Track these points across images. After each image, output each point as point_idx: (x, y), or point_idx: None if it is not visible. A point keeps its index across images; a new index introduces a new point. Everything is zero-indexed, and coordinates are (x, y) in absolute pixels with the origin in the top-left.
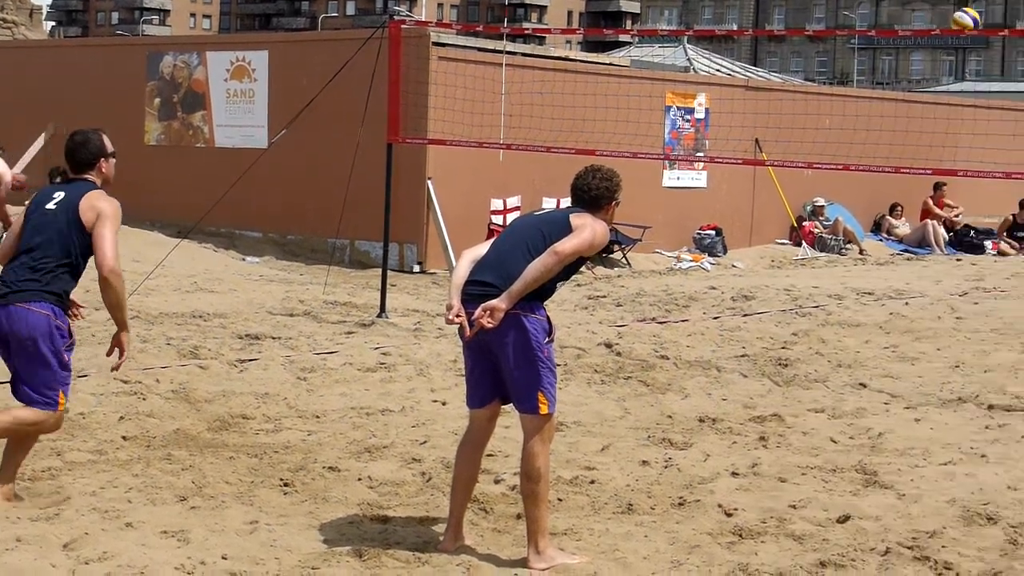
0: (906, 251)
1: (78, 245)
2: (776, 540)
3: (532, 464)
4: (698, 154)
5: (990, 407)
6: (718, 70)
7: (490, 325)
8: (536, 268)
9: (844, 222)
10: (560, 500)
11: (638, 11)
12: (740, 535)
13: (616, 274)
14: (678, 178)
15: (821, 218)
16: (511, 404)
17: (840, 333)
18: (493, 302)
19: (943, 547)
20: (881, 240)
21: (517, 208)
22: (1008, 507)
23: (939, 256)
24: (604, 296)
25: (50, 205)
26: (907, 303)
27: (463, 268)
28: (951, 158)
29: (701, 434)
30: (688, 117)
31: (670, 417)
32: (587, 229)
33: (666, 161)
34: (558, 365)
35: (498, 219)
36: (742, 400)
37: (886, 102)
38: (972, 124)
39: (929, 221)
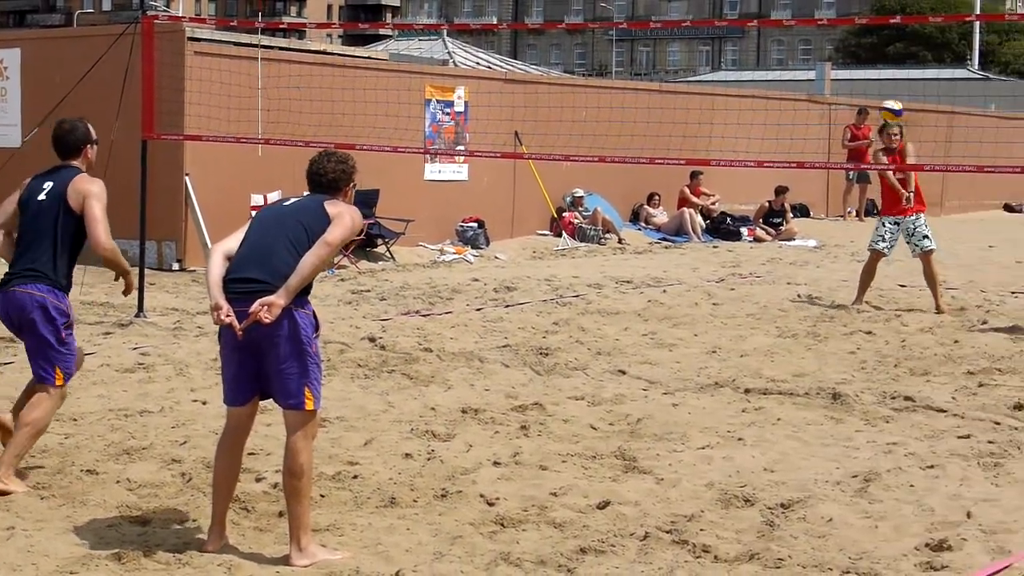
0: (664, 239)
1: (71, 230)
2: (537, 528)
3: (296, 460)
4: (458, 147)
5: (747, 391)
6: (478, 63)
7: (268, 320)
8: (311, 262)
9: (603, 212)
10: (323, 496)
11: (398, 4)
12: (502, 524)
13: (380, 268)
14: (439, 171)
15: (580, 209)
16: (272, 400)
17: (600, 321)
18: (271, 298)
19: (701, 530)
20: (640, 229)
21: None
22: (765, 489)
23: (696, 244)
24: (368, 290)
25: (41, 196)
26: (665, 290)
27: (218, 265)
28: (706, 147)
29: (464, 425)
30: (448, 110)
31: (433, 409)
32: (346, 215)
33: (427, 154)
34: (322, 360)
35: None
36: (504, 390)
37: (642, 93)
38: (725, 114)
39: (686, 209)
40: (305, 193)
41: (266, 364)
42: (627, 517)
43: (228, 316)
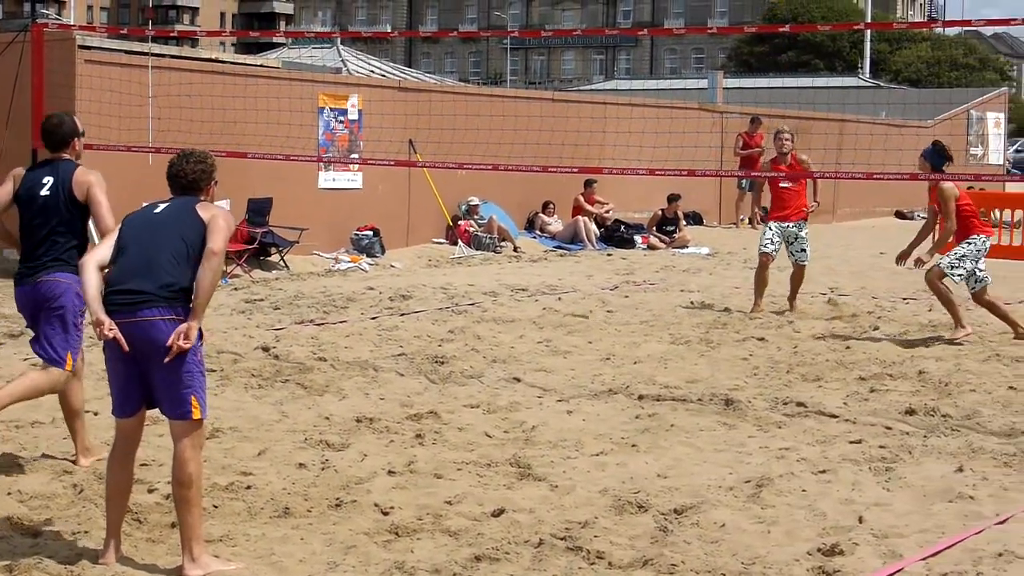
0: (559, 247)
1: (79, 219)
2: (432, 537)
3: (184, 470)
4: (352, 156)
5: (640, 397)
6: (371, 71)
7: (189, 346)
8: (208, 277)
9: (498, 220)
10: (216, 507)
11: (291, 12)
12: (396, 533)
13: (274, 277)
14: (334, 179)
15: (476, 217)
16: (159, 410)
17: (495, 329)
18: (185, 325)
19: (595, 537)
20: (535, 237)
21: None
22: (658, 495)
23: (591, 251)
24: (262, 299)
25: (44, 191)
26: (560, 298)
27: (94, 277)
28: (598, 156)
29: (358, 434)
30: (342, 118)
31: (327, 419)
32: (219, 218)
33: (321, 163)
34: (214, 371)
35: None
36: (399, 399)
37: (534, 101)
38: (617, 122)
39: (580, 217)
40: (170, 197)
41: (152, 374)
42: (521, 524)
43: (112, 330)
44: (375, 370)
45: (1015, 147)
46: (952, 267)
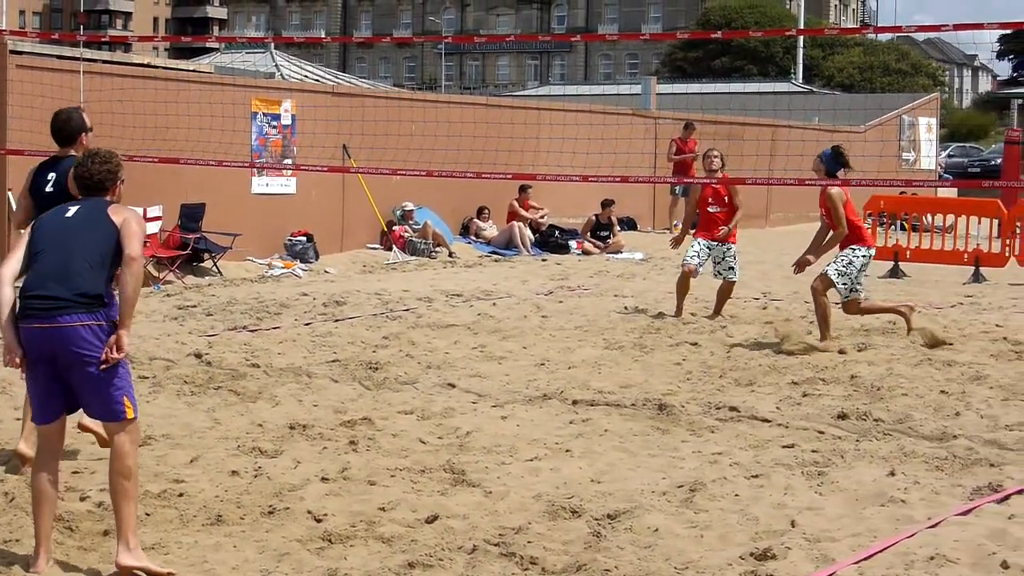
0: (494, 253)
1: None
2: (365, 543)
3: (123, 462)
4: (286, 161)
5: (574, 402)
6: (305, 76)
7: (122, 355)
8: (132, 283)
9: (433, 226)
10: (148, 514)
11: (225, 17)
12: (330, 540)
13: (207, 283)
14: (267, 185)
15: (411, 222)
16: (83, 412)
17: (430, 335)
18: (118, 335)
19: (529, 542)
20: (470, 243)
21: None
22: (592, 500)
23: (525, 257)
24: (194, 306)
25: (48, 188)
26: (495, 303)
27: (9, 294)
28: (532, 162)
29: (292, 441)
30: (275, 123)
31: (260, 425)
32: (132, 222)
33: (253, 168)
34: (146, 378)
35: None
36: (333, 405)
37: (468, 106)
38: (551, 128)
39: (515, 223)
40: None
41: (75, 380)
42: (455, 530)
43: (20, 361)
44: (309, 376)
45: (947, 152)
46: (839, 274)
